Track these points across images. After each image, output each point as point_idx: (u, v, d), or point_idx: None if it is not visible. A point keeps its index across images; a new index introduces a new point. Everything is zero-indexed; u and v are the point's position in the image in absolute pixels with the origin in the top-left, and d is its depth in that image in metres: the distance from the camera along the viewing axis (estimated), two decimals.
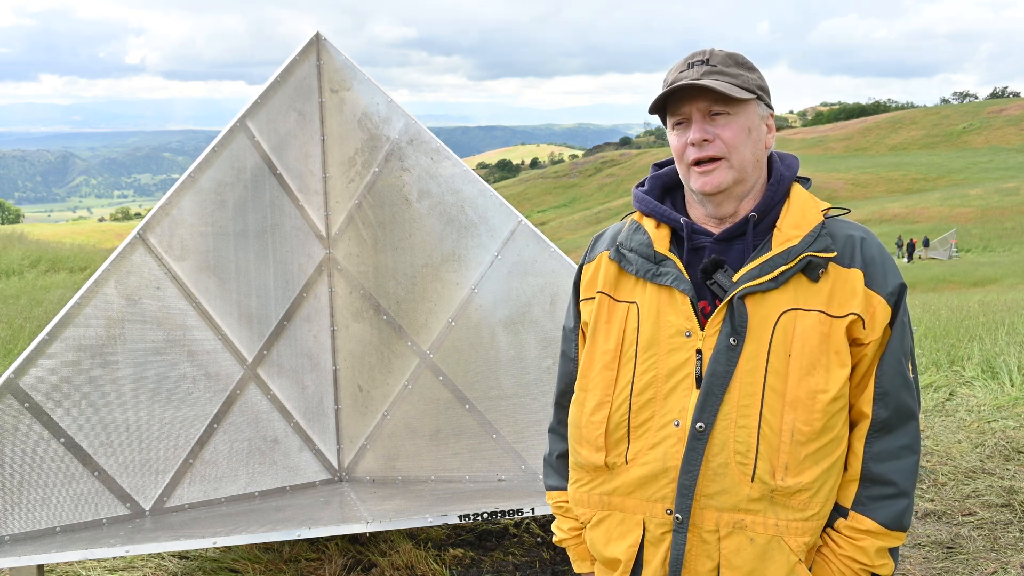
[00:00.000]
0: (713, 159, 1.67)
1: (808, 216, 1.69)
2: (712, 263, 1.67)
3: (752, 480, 1.62)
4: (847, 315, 1.63)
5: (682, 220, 1.74)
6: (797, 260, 1.63)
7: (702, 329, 1.66)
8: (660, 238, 1.75)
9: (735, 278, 1.65)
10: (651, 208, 1.79)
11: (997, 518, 4.35)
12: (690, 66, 1.69)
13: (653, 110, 1.75)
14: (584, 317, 1.84)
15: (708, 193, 1.69)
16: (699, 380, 1.64)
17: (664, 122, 1.78)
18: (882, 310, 1.64)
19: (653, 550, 1.69)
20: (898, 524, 1.66)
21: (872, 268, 1.66)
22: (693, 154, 1.68)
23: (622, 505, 1.73)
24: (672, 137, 1.73)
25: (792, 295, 1.64)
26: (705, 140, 1.66)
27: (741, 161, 1.68)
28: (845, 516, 1.67)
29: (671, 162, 1.84)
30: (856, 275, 1.64)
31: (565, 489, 1.92)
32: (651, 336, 1.70)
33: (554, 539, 1.96)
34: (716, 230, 1.73)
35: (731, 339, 1.62)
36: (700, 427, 1.63)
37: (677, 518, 1.65)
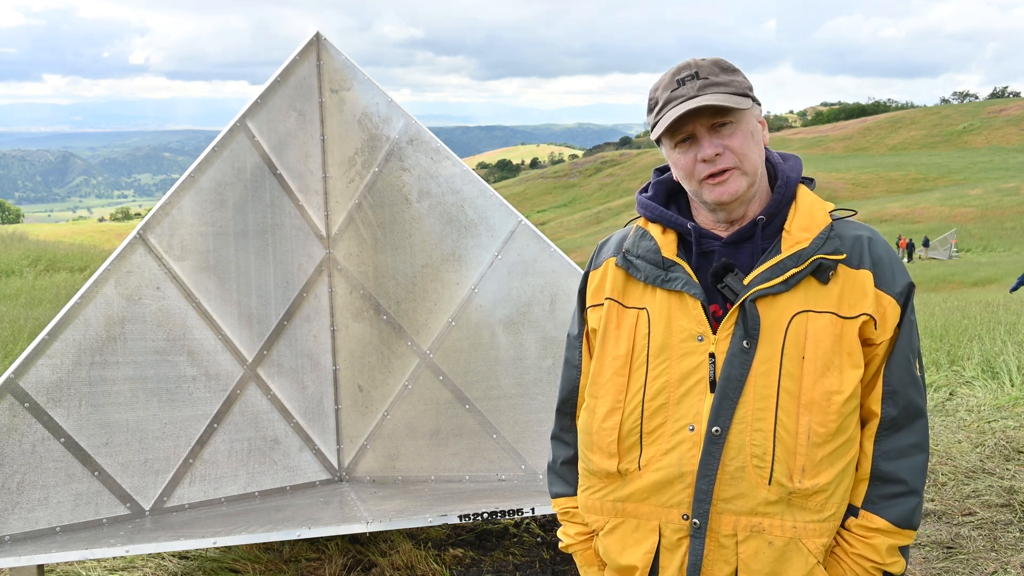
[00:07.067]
0: (724, 170, 1.66)
1: (816, 218, 1.69)
2: (722, 267, 1.66)
3: (769, 483, 1.62)
4: (858, 316, 1.64)
5: (689, 225, 1.73)
6: (808, 263, 1.63)
7: (714, 333, 1.65)
8: (667, 243, 1.74)
9: (746, 281, 1.64)
10: (657, 214, 1.77)
11: (997, 518, 4.35)
12: (680, 83, 1.66)
13: (656, 133, 1.73)
14: (592, 324, 1.82)
15: (725, 202, 1.68)
16: (713, 384, 1.64)
17: (658, 140, 1.75)
18: (892, 309, 1.66)
19: (669, 556, 1.68)
20: (908, 522, 1.67)
21: (880, 268, 1.67)
22: (706, 170, 1.66)
23: (636, 512, 1.72)
24: (676, 155, 1.70)
25: (803, 297, 1.64)
26: (717, 154, 1.66)
27: (752, 166, 1.69)
28: (856, 515, 1.68)
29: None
30: (866, 276, 1.65)
31: (571, 495, 1.91)
32: (663, 341, 1.68)
33: (560, 545, 1.93)
34: (724, 234, 1.73)
35: (744, 342, 1.62)
36: (716, 431, 1.62)
37: (695, 523, 1.64)
